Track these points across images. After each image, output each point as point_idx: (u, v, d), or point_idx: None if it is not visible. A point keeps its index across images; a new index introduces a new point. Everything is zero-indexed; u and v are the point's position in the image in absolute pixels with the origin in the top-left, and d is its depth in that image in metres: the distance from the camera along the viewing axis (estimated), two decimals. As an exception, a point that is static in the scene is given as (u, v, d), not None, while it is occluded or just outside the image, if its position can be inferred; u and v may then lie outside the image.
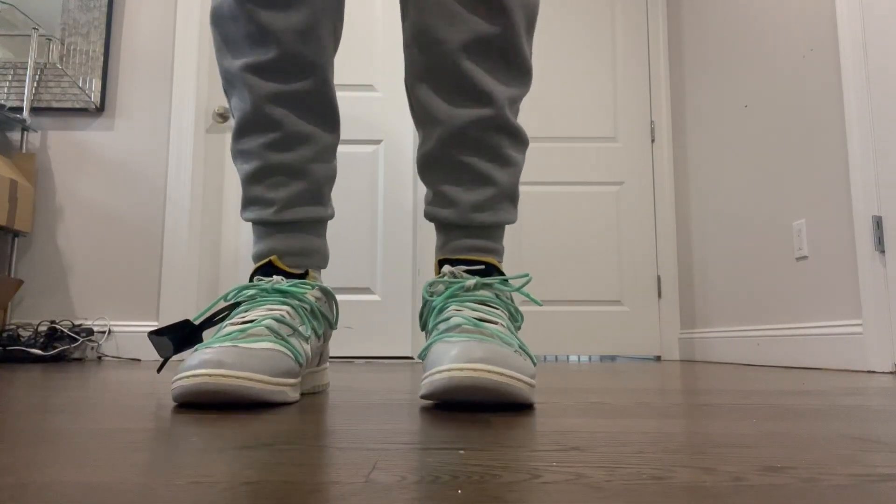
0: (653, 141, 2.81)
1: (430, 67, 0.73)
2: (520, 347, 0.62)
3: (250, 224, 2.54)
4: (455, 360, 0.55)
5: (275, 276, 0.72)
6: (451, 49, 0.71)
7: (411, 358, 2.53)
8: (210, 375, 0.56)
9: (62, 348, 2.14)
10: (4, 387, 0.89)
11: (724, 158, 2.39)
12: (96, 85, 2.44)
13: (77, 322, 2.32)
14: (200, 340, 0.69)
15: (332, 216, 0.80)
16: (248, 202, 0.77)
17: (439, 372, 0.56)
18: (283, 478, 0.30)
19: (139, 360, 2.25)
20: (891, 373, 1.53)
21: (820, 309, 1.85)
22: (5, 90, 2.44)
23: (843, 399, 0.75)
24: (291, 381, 0.63)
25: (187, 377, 0.56)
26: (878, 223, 1.61)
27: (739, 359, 2.25)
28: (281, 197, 0.75)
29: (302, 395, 0.76)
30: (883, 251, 1.60)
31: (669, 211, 2.77)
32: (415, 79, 0.75)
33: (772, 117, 2.09)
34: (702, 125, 2.57)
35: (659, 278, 2.74)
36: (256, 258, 0.76)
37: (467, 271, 0.71)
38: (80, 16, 2.48)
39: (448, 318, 0.65)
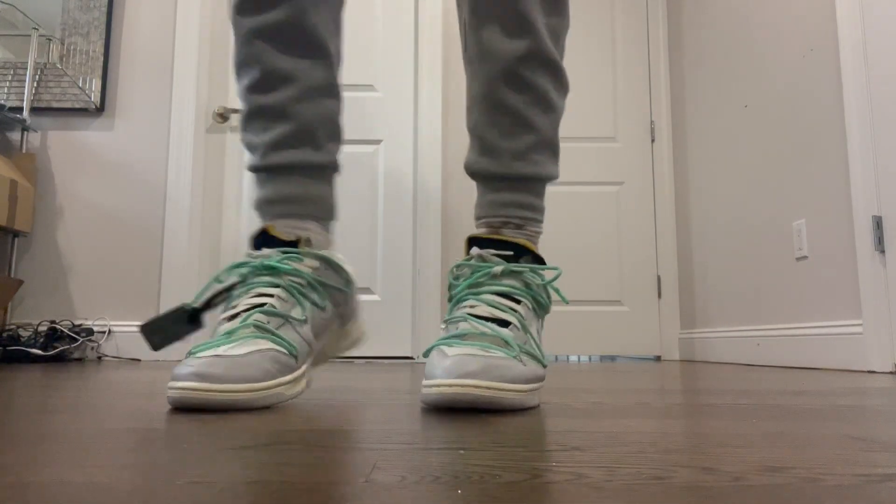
0: (653, 141, 2.81)
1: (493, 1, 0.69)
2: (525, 350, 0.61)
3: (251, 224, 2.54)
4: (446, 374, 0.55)
5: (264, 250, 0.68)
6: None
7: (411, 358, 2.53)
8: (195, 390, 0.56)
9: (62, 348, 2.14)
10: (4, 387, 0.89)
11: (724, 158, 2.39)
12: (96, 85, 2.44)
13: (77, 322, 2.32)
14: (200, 324, 0.68)
15: (331, 164, 0.75)
16: (245, 149, 0.75)
17: (429, 386, 0.57)
18: (283, 478, 0.30)
19: (139, 360, 2.25)
20: (891, 373, 1.53)
21: (820, 309, 1.85)
22: (5, 90, 2.44)
23: (843, 399, 0.75)
24: (286, 378, 0.62)
25: (176, 389, 0.56)
26: (878, 223, 1.61)
27: (739, 359, 2.25)
28: (266, 140, 0.72)
29: (333, 359, 0.75)
30: (883, 251, 1.60)
31: (669, 211, 2.77)
32: (472, 14, 0.71)
33: (772, 117, 2.09)
34: (702, 125, 2.57)
35: (659, 278, 2.74)
36: (255, 207, 0.74)
37: (497, 255, 0.67)
38: (80, 16, 2.48)
39: (457, 321, 0.63)
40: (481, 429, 0.47)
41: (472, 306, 0.64)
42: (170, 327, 0.66)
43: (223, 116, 2.56)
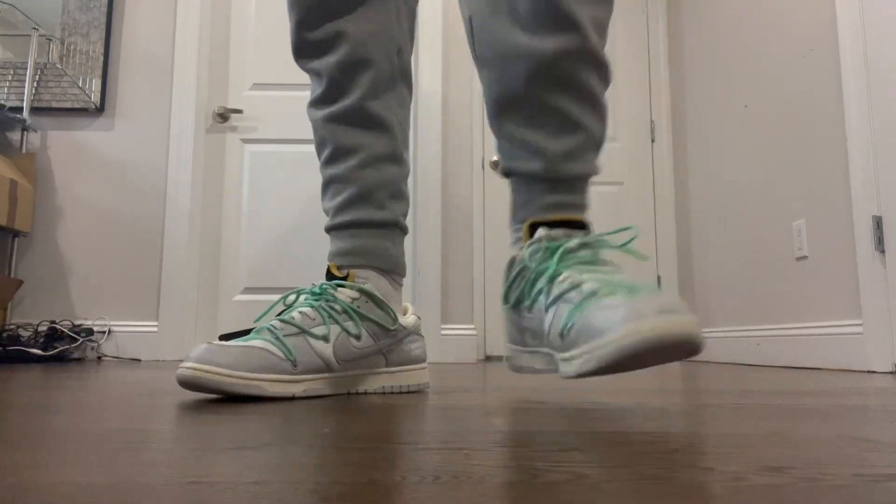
0: (653, 141, 2.81)
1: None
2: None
3: (251, 223, 2.54)
4: (640, 316, 0.49)
5: (322, 282, 0.79)
6: None
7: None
8: (191, 369, 0.66)
9: (62, 348, 2.14)
10: (4, 387, 0.89)
11: (724, 158, 2.39)
12: (96, 85, 2.44)
13: (77, 322, 2.32)
14: None
15: (392, 221, 0.84)
16: (325, 214, 0.88)
17: (639, 331, 0.48)
18: (283, 478, 0.30)
19: (139, 361, 2.25)
20: (891, 373, 1.53)
21: (820, 309, 1.85)
22: (5, 90, 2.44)
23: (843, 399, 0.75)
24: (271, 376, 0.69)
25: (180, 367, 0.67)
26: (878, 223, 1.61)
27: (739, 359, 2.25)
28: (334, 204, 0.83)
29: (369, 393, 0.79)
30: (883, 251, 1.60)
31: (669, 211, 2.77)
32: (492, 13, 0.68)
33: (772, 117, 2.09)
34: (702, 125, 2.57)
35: (659, 278, 2.74)
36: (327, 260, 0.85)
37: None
38: (80, 16, 2.48)
39: (579, 286, 0.58)
40: (481, 429, 0.47)
41: (577, 275, 0.60)
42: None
43: (223, 116, 2.56)
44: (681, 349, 0.50)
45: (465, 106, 2.68)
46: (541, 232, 0.66)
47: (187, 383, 0.66)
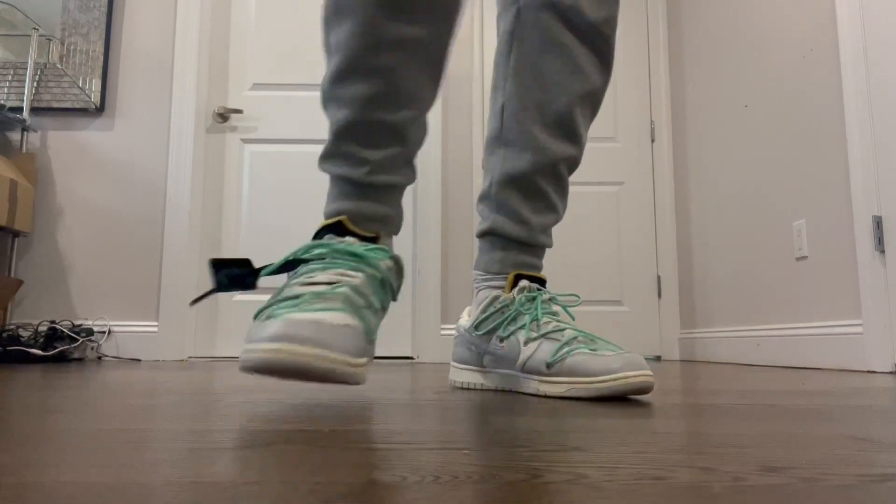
0: (653, 141, 2.81)
1: (544, 104, 0.83)
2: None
3: (251, 223, 2.54)
4: (627, 367, 0.70)
5: (347, 238, 0.66)
6: (571, 97, 0.83)
7: (411, 358, 2.53)
8: (286, 352, 0.50)
9: (62, 348, 2.14)
10: (4, 387, 0.89)
11: (724, 158, 2.39)
12: (96, 85, 2.44)
13: (77, 322, 2.32)
14: (254, 286, 0.64)
15: (413, 179, 0.77)
16: (334, 154, 0.71)
17: (616, 379, 0.69)
18: (283, 478, 0.30)
19: (139, 361, 2.25)
20: (891, 373, 1.53)
21: (820, 309, 1.85)
22: (5, 90, 2.44)
23: (843, 399, 0.75)
24: (364, 360, 0.57)
25: (263, 350, 0.51)
26: (878, 223, 1.61)
27: (739, 359, 2.25)
28: (377, 157, 0.70)
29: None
30: (883, 251, 1.60)
31: (669, 211, 2.77)
32: (523, 109, 0.84)
33: (772, 117, 2.09)
34: (702, 125, 2.57)
35: (659, 278, 2.74)
36: (330, 216, 0.71)
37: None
38: (80, 16, 2.48)
39: (562, 330, 0.77)
40: (481, 429, 0.47)
41: (558, 320, 0.79)
42: (233, 274, 0.63)
43: (223, 116, 2.56)
44: (641, 392, 0.71)
45: (465, 106, 2.68)
46: (524, 282, 0.82)
47: (282, 367, 0.51)
